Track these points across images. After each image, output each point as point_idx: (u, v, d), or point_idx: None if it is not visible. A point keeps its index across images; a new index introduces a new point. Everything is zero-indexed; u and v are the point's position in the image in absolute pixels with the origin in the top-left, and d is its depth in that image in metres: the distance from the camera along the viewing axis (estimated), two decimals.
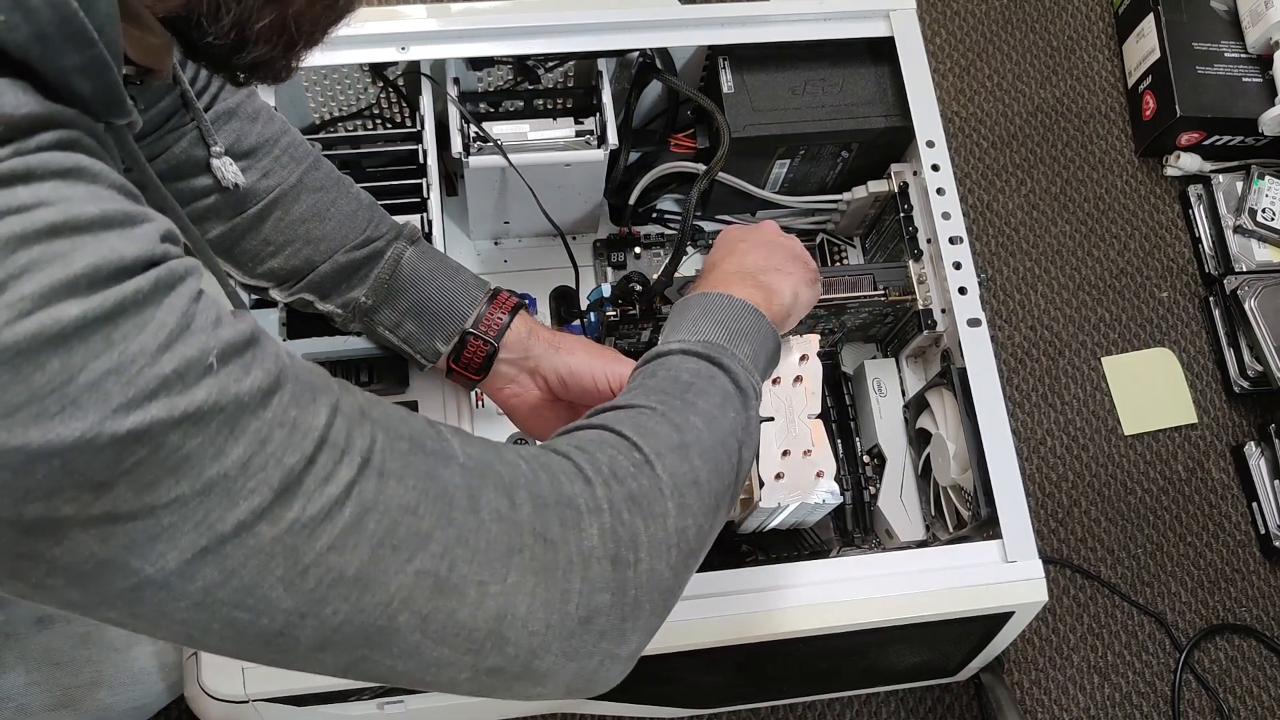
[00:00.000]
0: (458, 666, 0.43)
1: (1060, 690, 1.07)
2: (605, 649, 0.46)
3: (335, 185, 0.74)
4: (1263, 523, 1.14)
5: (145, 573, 0.36)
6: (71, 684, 0.82)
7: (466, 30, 0.90)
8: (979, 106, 1.31)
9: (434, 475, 0.43)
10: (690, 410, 0.53)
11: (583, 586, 0.45)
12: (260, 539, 0.37)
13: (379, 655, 0.42)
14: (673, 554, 0.48)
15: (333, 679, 0.70)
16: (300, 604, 0.39)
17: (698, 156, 0.97)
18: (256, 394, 0.38)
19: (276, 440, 0.38)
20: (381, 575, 0.40)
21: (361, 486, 0.40)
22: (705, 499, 0.51)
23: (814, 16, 0.94)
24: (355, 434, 0.41)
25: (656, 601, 0.48)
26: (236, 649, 0.41)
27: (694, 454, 0.51)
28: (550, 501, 0.46)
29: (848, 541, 0.95)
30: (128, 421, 0.34)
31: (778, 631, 0.75)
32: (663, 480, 0.49)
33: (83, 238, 0.34)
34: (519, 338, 0.74)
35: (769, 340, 0.62)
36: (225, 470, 0.36)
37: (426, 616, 0.41)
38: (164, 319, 0.35)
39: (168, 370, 0.35)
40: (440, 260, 0.75)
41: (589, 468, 0.48)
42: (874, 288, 0.92)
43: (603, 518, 0.46)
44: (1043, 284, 1.24)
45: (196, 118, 0.66)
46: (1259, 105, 1.22)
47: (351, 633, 0.40)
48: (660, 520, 0.48)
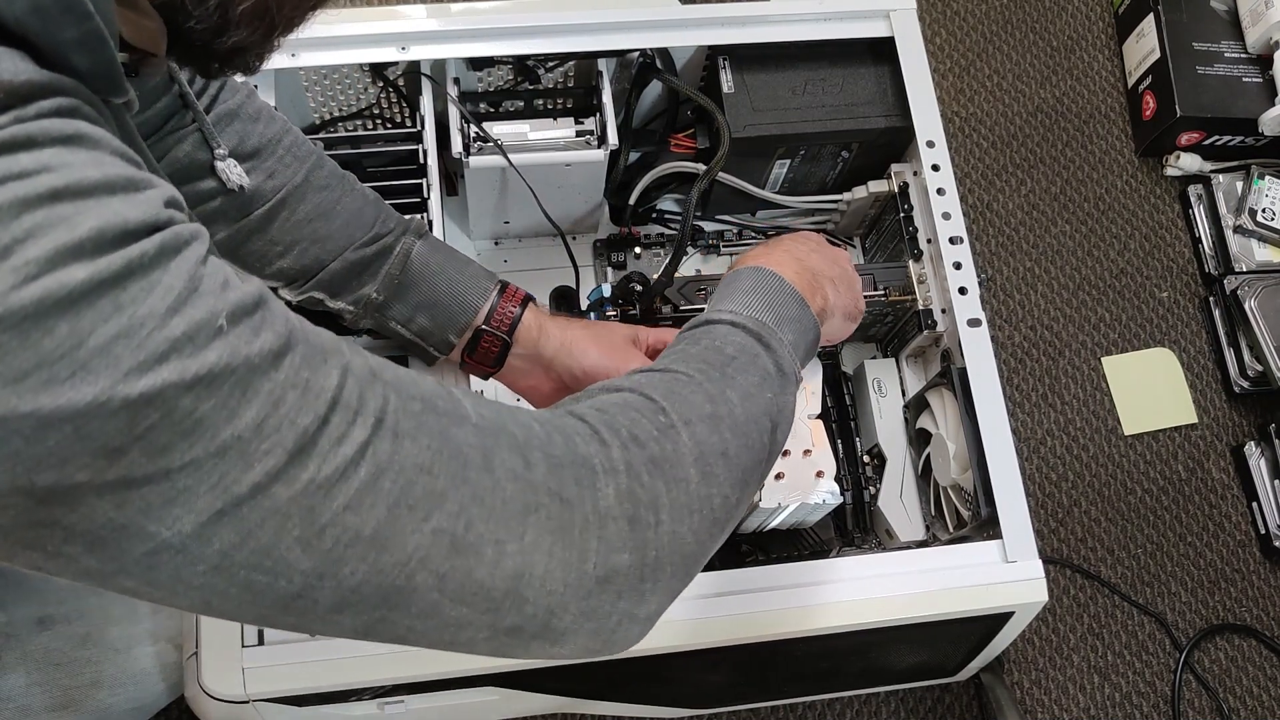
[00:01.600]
0: (476, 626, 0.43)
1: (1060, 690, 1.07)
2: (624, 609, 0.45)
3: (340, 183, 0.74)
4: (1263, 523, 1.14)
5: (162, 536, 0.36)
6: (72, 685, 0.82)
7: (466, 30, 0.90)
8: (979, 106, 1.31)
9: (447, 435, 0.42)
10: (728, 384, 0.53)
11: (600, 546, 0.44)
12: (276, 500, 0.37)
13: (398, 615, 0.42)
14: (695, 519, 0.48)
15: (334, 680, 0.71)
16: (318, 565, 0.39)
17: (698, 156, 0.97)
18: (268, 355, 0.37)
19: (290, 401, 0.38)
20: (398, 535, 0.40)
21: (376, 446, 0.40)
22: (733, 472, 0.50)
23: (814, 16, 0.94)
24: (368, 395, 0.40)
25: (678, 564, 0.47)
26: (255, 613, 0.40)
27: (725, 426, 0.51)
28: (565, 462, 0.45)
29: (848, 541, 0.95)
30: (139, 385, 0.34)
31: (777, 631, 0.75)
32: (687, 446, 0.49)
33: (86, 202, 0.34)
34: (530, 334, 0.75)
35: (810, 332, 0.61)
36: (239, 432, 0.36)
37: (444, 575, 0.41)
38: (171, 282, 0.35)
39: (177, 333, 0.35)
40: (449, 253, 0.75)
41: (606, 430, 0.47)
42: (874, 288, 0.92)
43: (619, 478, 0.46)
44: (1043, 284, 1.24)
45: (198, 119, 0.66)
46: (1259, 105, 1.22)
47: (370, 593, 0.40)
48: (683, 485, 0.48)
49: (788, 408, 0.56)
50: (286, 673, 0.70)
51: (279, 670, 0.70)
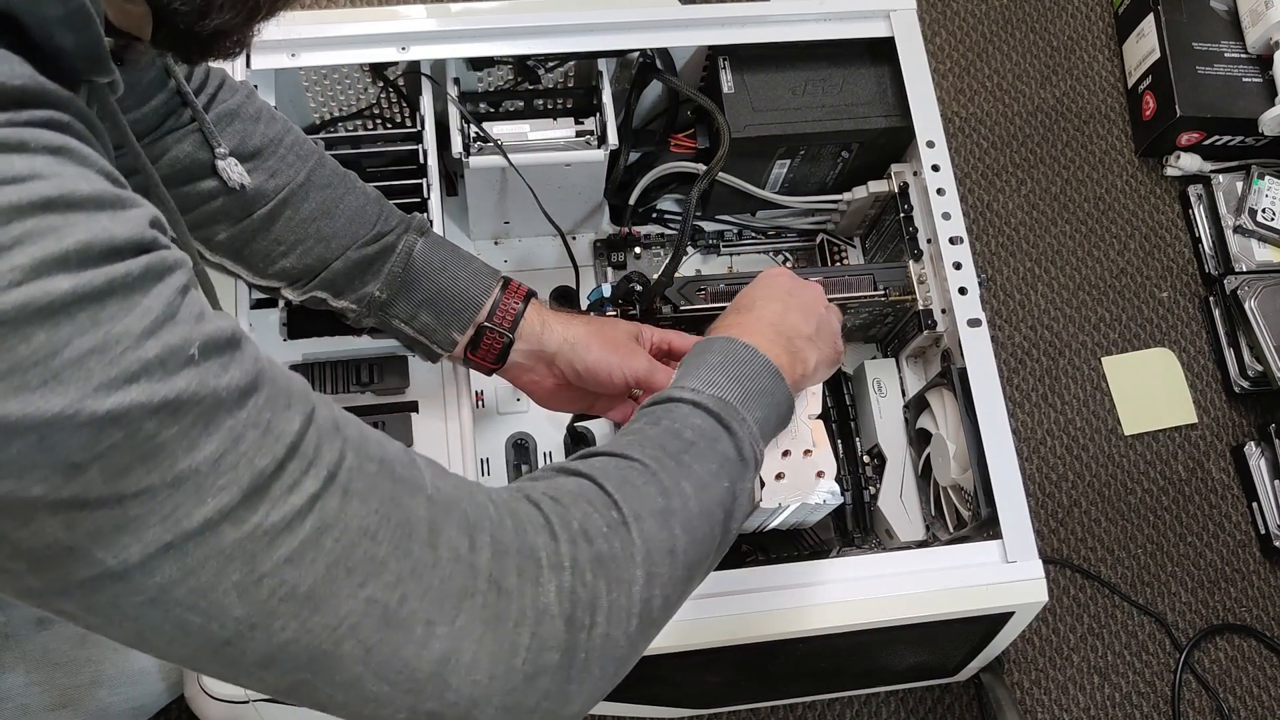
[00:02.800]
0: (395, 706, 0.42)
1: (1060, 690, 1.07)
2: (547, 708, 0.44)
3: (342, 181, 0.74)
4: (1263, 523, 1.14)
5: (107, 564, 0.36)
6: (71, 684, 0.82)
7: (466, 30, 0.90)
8: (979, 106, 1.31)
9: (398, 502, 0.42)
10: (684, 474, 0.52)
11: (532, 642, 0.44)
12: (223, 541, 0.37)
13: (320, 682, 0.41)
14: (632, 622, 0.47)
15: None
16: (251, 614, 0.39)
17: (698, 156, 0.97)
18: (234, 392, 0.38)
19: (249, 441, 0.38)
20: (332, 597, 0.40)
21: (325, 501, 0.40)
22: (678, 570, 0.50)
23: (814, 16, 0.94)
24: (325, 447, 0.41)
25: (607, 668, 0.47)
26: (184, 654, 0.40)
27: (676, 522, 0.50)
28: (511, 550, 0.45)
29: (848, 541, 0.95)
30: (107, 402, 0.34)
31: (777, 631, 0.75)
32: (636, 545, 0.48)
33: (76, 215, 0.34)
34: (533, 329, 0.75)
35: (782, 404, 0.61)
36: (197, 465, 0.36)
37: (371, 649, 0.41)
38: (150, 305, 0.36)
39: (150, 355, 0.35)
40: (451, 250, 0.76)
41: (558, 522, 0.47)
42: (874, 288, 0.92)
43: (563, 575, 0.45)
44: (1043, 284, 1.24)
45: (197, 118, 0.66)
46: (1259, 105, 1.22)
47: (297, 653, 0.40)
48: (625, 586, 0.47)
49: (744, 494, 0.56)
50: None
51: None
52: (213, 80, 0.70)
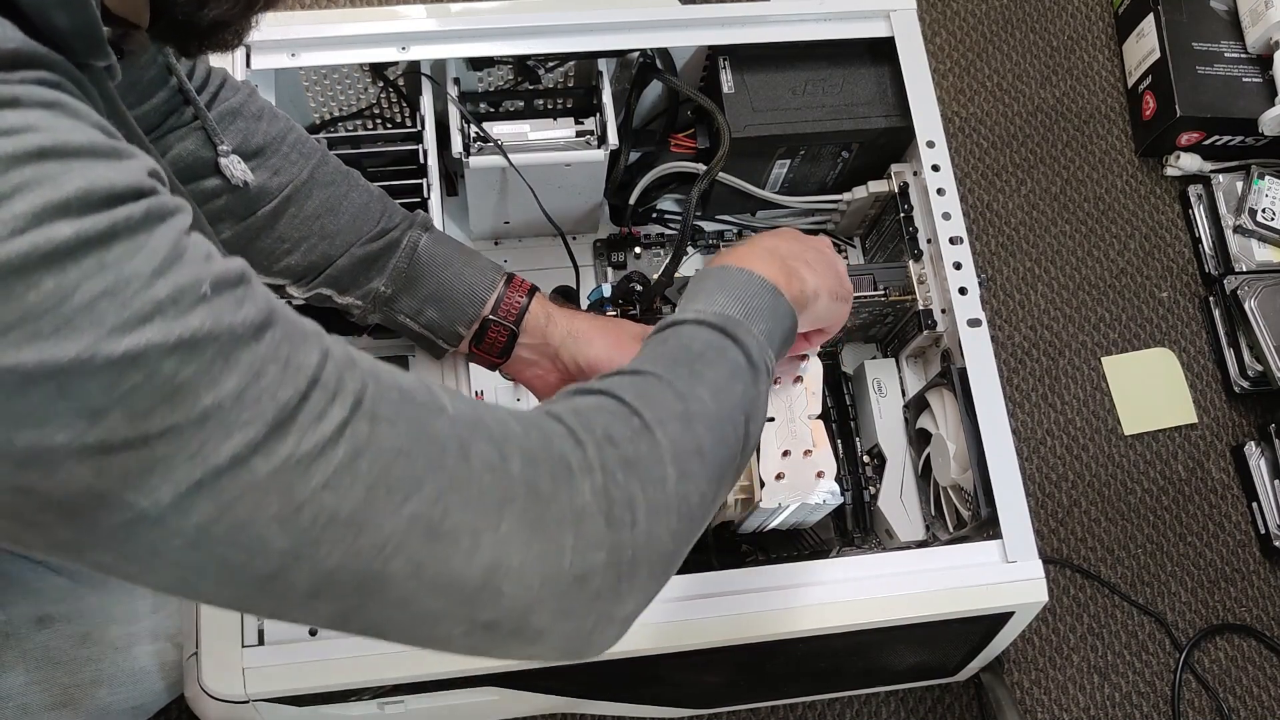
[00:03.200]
0: (453, 620, 0.42)
1: (1060, 690, 1.07)
2: (600, 610, 0.45)
3: (345, 178, 0.74)
4: (1263, 523, 1.14)
5: (139, 506, 0.36)
6: (71, 683, 0.82)
7: (466, 30, 0.90)
8: (979, 106, 1.31)
9: (425, 423, 0.42)
10: (697, 381, 0.52)
11: (576, 543, 0.44)
12: (255, 474, 0.37)
13: (373, 605, 0.41)
14: (673, 519, 0.47)
15: (334, 680, 0.71)
16: (294, 544, 0.38)
17: (698, 156, 0.97)
18: (250, 327, 0.37)
19: (270, 375, 0.37)
20: (375, 518, 0.39)
21: (355, 427, 0.39)
22: (709, 468, 0.50)
23: (814, 16, 0.94)
24: (347, 377, 0.40)
25: (655, 566, 0.47)
26: (232, 595, 0.40)
27: (698, 424, 0.50)
28: (541, 458, 0.45)
29: (848, 541, 0.95)
30: (123, 344, 0.34)
31: (777, 632, 0.75)
32: (662, 446, 0.48)
33: (72, 163, 0.34)
34: (537, 322, 0.75)
35: (785, 319, 0.60)
36: (220, 400, 0.36)
37: (421, 564, 0.41)
38: (156, 246, 0.35)
39: (162, 295, 0.35)
40: (455, 246, 0.76)
41: (581, 431, 0.47)
42: (874, 288, 0.92)
43: (595, 476, 0.45)
44: (1043, 284, 1.24)
45: (199, 115, 0.66)
46: (1259, 105, 1.22)
47: (345, 578, 0.40)
48: (659, 484, 0.47)
49: (760, 399, 0.56)
50: (286, 673, 0.70)
51: (279, 670, 0.70)
52: (214, 79, 0.70)
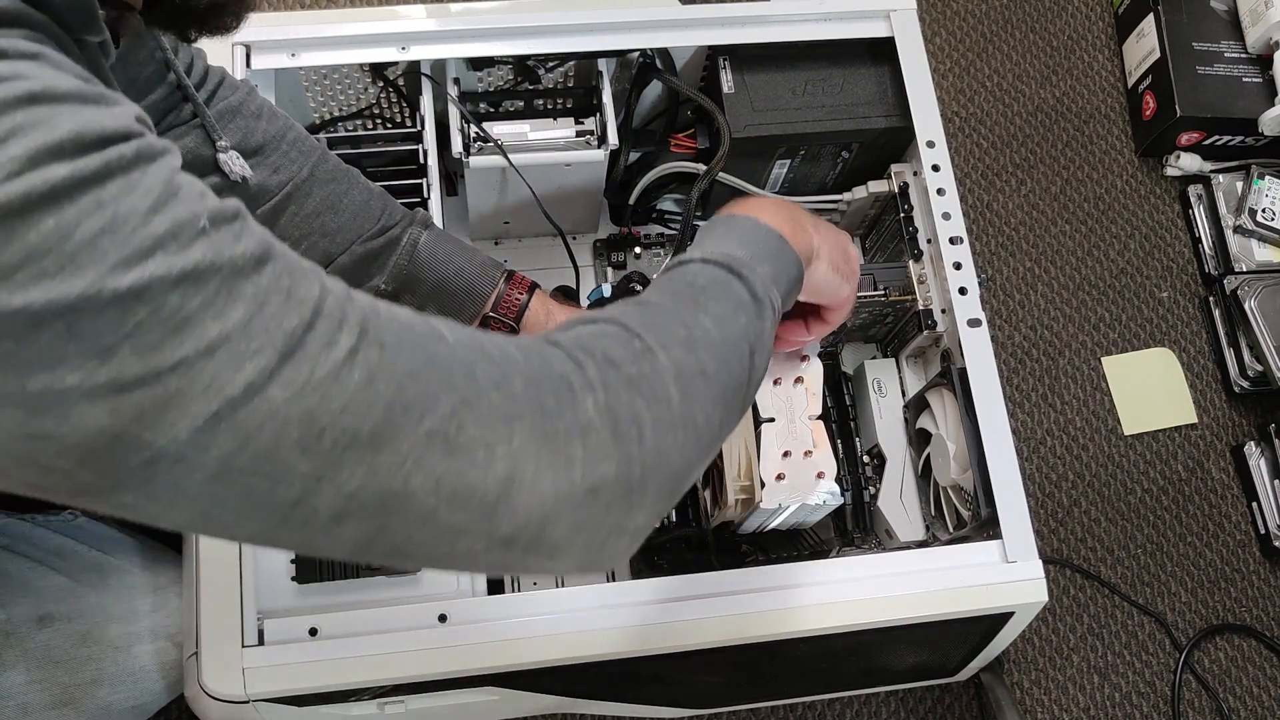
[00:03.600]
0: (473, 535, 0.43)
1: (1060, 690, 1.07)
2: (612, 521, 0.46)
3: (345, 176, 0.74)
4: (1263, 523, 1.14)
5: (158, 445, 0.36)
6: (72, 682, 0.82)
7: (466, 30, 0.90)
8: (979, 106, 1.31)
9: (429, 348, 0.43)
10: (700, 310, 0.53)
11: (585, 455, 0.44)
12: (273, 402, 0.37)
13: (396, 524, 0.42)
14: (680, 435, 0.48)
15: (334, 680, 0.71)
16: (317, 467, 0.39)
17: (698, 156, 0.97)
18: (250, 259, 0.38)
19: (274, 304, 0.38)
20: (393, 436, 0.40)
21: (366, 353, 0.40)
22: (713, 391, 0.51)
23: (814, 16, 0.94)
24: (349, 309, 0.41)
25: (664, 481, 0.48)
26: (256, 527, 0.40)
27: (701, 348, 0.51)
28: (542, 378, 0.46)
29: (848, 541, 0.95)
30: (127, 278, 0.34)
31: (778, 631, 0.75)
32: (664, 367, 0.49)
33: (62, 107, 0.35)
34: (537, 319, 0.75)
35: (791, 266, 0.60)
36: (227, 331, 0.36)
37: (440, 479, 0.41)
38: (150, 184, 0.36)
39: (160, 230, 0.35)
40: (455, 243, 0.76)
41: (581, 353, 0.48)
42: (874, 288, 0.92)
43: (597, 394, 0.46)
44: (1043, 284, 1.24)
45: (198, 112, 0.66)
46: (1259, 105, 1.22)
47: (368, 499, 0.40)
48: (664, 403, 0.48)
49: (765, 334, 0.56)
50: (286, 673, 0.70)
51: (279, 670, 0.70)
52: (212, 77, 0.70)
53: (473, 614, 0.73)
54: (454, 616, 0.73)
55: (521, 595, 0.78)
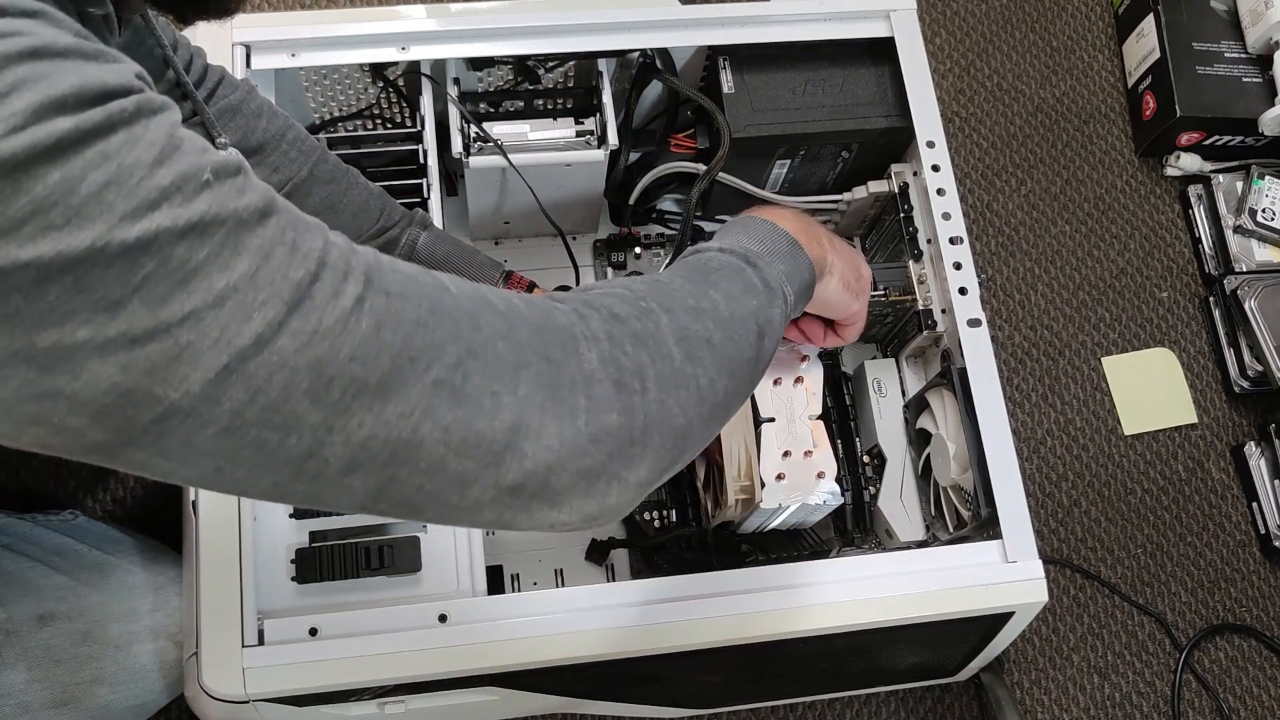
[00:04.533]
0: (482, 484, 0.44)
1: (1060, 690, 1.07)
2: (614, 470, 0.46)
3: (344, 176, 0.74)
4: (1263, 523, 1.14)
5: (170, 399, 0.36)
6: (72, 681, 0.82)
7: (466, 30, 0.90)
8: (979, 106, 1.31)
9: (434, 298, 0.43)
10: (711, 287, 0.54)
11: (588, 404, 0.45)
12: (283, 353, 0.38)
13: (406, 473, 0.42)
14: (682, 394, 0.49)
15: (334, 680, 0.71)
16: (326, 416, 0.39)
17: (698, 156, 0.97)
18: (254, 212, 0.38)
19: (279, 257, 0.38)
20: (402, 385, 0.41)
21: (372, 301, 0.40)
22: (719, 360, 0.51)
23: (814, 16, 0.94)
24: (353, 260, 0.41)
25: (666, 436, 0.48)
26: (269, 481, 0.41)
27: (708, 318, 0.52)
28: (547, 328, 0.46)
29: (848, 541, 0.95)
30: (134, 230, 0.34)
31: (778, 631, 0.75)
32: (667, 328, 0.50)
33: (63, 62, 0.35)
34: None
35: (804, 270, 0.61)
36: (234, 283, 0.37)
37: (448, 427, 0.42)
38: (153, 138, 0.36)
39: (165, 182, 0.35)
40: (455, 243, 0.76)
41: (585, 308, 0.49)
42: (874, 288, 0.92)
43: (600, 345, 0.47)
44: (1043, 284, 1.24)
45: (198, 110, 0.66)
46: (1259, 105, 1.22)
47: (378, 449, 0.41)
48: (667, 360, 0.49)
49: (775, 320, 0.57)
50: (286, 673, 0.70)
51: (279, 670, 0.70)
52: (211, 76, 0.70)
53: (473, 614, 0.73)
54: (454, 616, 0.73)
55: (521, 595, 0.78)
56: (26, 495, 1.02)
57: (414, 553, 0.77)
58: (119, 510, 1.03)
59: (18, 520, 0.88)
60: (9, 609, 0.82)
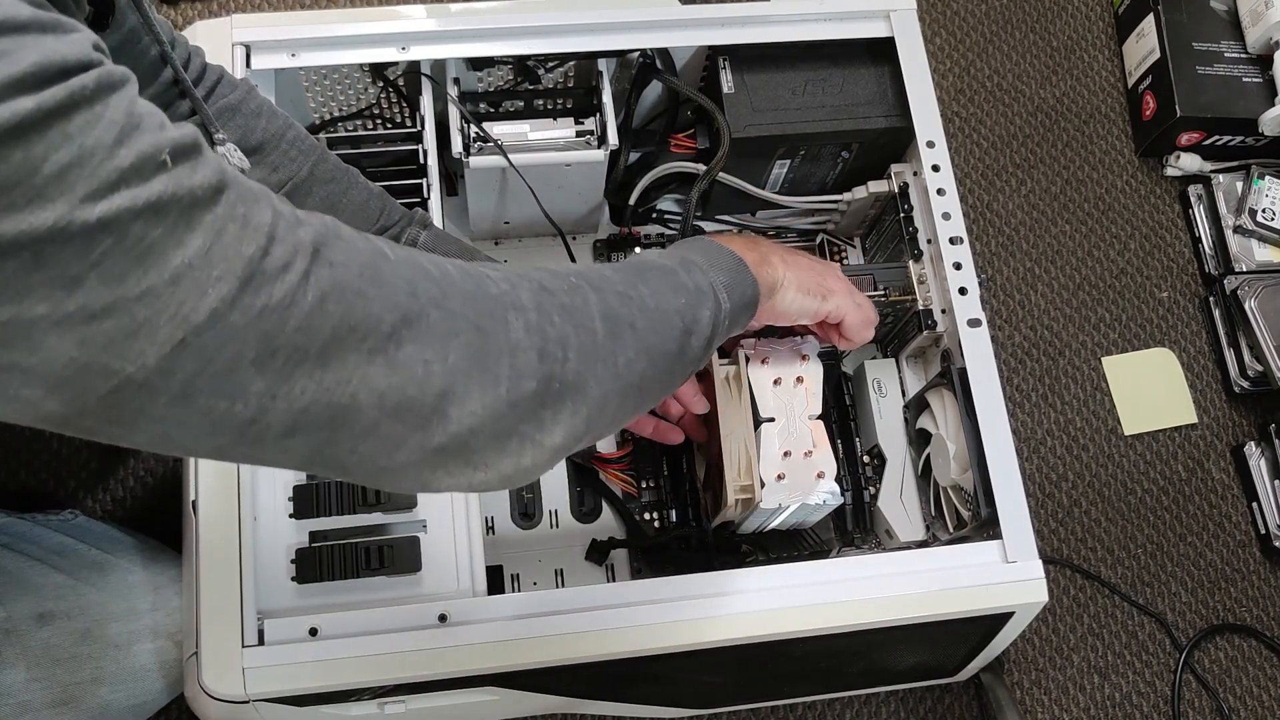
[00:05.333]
0: (410, 447, 0.46)
1: (1060, 690, 1.07)
2: (526, 431, 0.49)
3: (344, 176, 0.74)
4: (1263, 523, 1.14)
5: (126, 372, 0.37)
6: (72, 681, 0.82)
7: (466, 30, 0.90)
8: (979, 106, 1.31)
9: (373, 266, 0.45)
10: (641, 281, 0.57)
11: (510, 373, 0.47)
12: (234, 326, 0.39)
13: (342, 437, 0.44)
14: (601, 368, 0.51)
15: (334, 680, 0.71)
16: (271, 384, 0.41)
17: (698, 156, 0.97)
18: (208, 189, 0.39)
19: (231, 233, 0.39)
20: (341, 353, 0.42)
21: (317, 274, 0.42)
22: (641, 344, 0.54)
23: (814, 16, 0.94)
24: (300, 230, 0.42)
25: (580, 405, 0.50)
26: (212, 444, 0.42)
27: (633, 306, 0.55)
28: (477, 296, 0.48)
29: (848, 541, 0.95)
30: (95, 211, 0.35)
31: (778, 631, 0.75)
32: (593, 303, 0.52)
33: (23, 37, 0.35)
34: None
35: (747, 286, 0.64)
36: (189, 259, 0.37)
37: (383, 393, 0.44)
38: (114, 116, 0.36)
39: (125, 164, 0.36)
40: (454, 243, 0.76)
41: (515, 277, 0.51)
42: (874, 288, 0.92)
43: (528, 314, 0.49)
44: (1043, 284, 1.24)
45: (195, 106, 0.65)
46: (1259, 105, 1.22)
47: (318, 413, 0.43)
48: (590, 334, 0.51)
49: (704, 320, 0.59)
50: (286, 673, 0.70)
51: (279, 670, 0.70)
52: (210, 75, 0.70)
53: (473, 614, 0.73)
54: (454, 616, 0.73)
55: (521, 595, 0.78)
56: (26, 495, 1.02)
57: (414, 553, 0.77)
58: (119, 510, 1.03)
59: (18, 519, 0.88)
60: (9, 608, 0.82)
